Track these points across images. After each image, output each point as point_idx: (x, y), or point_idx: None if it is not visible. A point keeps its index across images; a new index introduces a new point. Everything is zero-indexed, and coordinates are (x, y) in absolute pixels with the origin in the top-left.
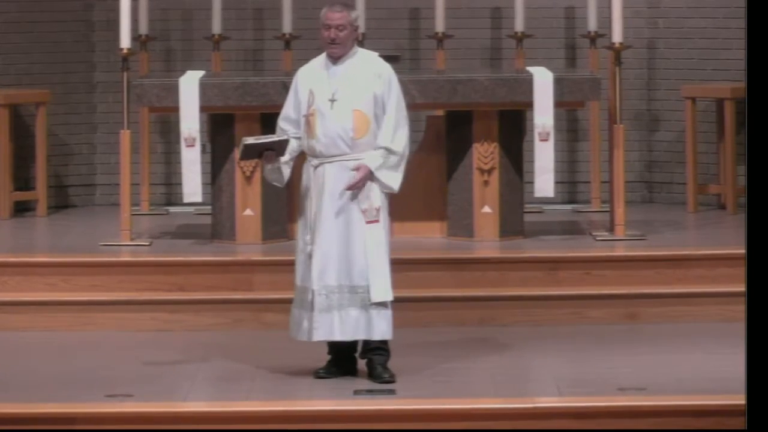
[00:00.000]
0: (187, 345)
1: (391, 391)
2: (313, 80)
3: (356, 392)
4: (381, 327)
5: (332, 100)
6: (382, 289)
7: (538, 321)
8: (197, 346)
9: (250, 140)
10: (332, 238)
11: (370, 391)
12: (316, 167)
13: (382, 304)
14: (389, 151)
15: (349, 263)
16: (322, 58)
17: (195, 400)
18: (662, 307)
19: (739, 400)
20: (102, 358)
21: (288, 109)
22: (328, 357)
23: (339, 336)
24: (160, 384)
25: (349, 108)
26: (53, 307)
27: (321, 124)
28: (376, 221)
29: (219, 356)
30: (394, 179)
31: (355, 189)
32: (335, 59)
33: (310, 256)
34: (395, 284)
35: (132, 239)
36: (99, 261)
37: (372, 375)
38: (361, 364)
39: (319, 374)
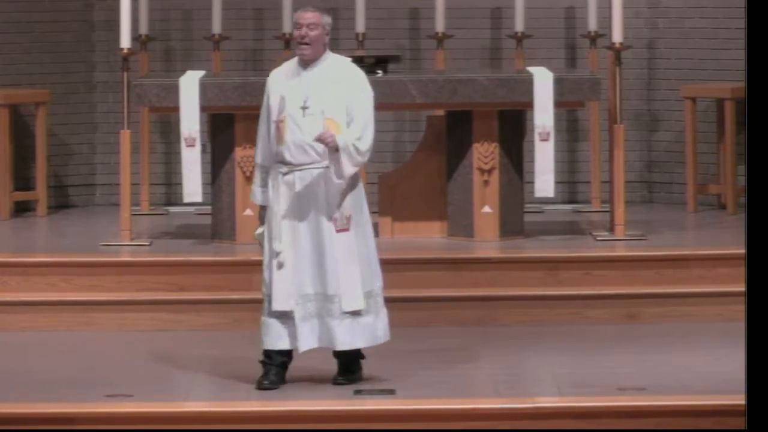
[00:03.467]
0: (187, 345)
1: (391, 391)
2: (283, 85)
3: (356, 392)
4: (358, 336)
5: (304, 108)
6: (353, 298)
7: (538, 321)
8: (197, 346)
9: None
10: (305, 247)
11: (370, 391)
12: (285, 174)
13: (355, 313)
14: (355, 147)
15: (322, 271)
16: (293, 62)
17: (195, 400)
18: (662, 307)
19: (739, 400)
20: (102, 358)
21: (264, 125)
22: (268, 366)
23: (323, 344)
24: (160, 384)
25: (321, 115)
26: (53, 307)
27: (291, 131)
28: (346, 230)
29: (219, 356)
30: (348, 169)
31: (322, 141)
32: (306, 63)
33: (281, 264)
34: (396, 284)
35: (132, 239)
36: (99, 261)
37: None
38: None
39: (264, 385)
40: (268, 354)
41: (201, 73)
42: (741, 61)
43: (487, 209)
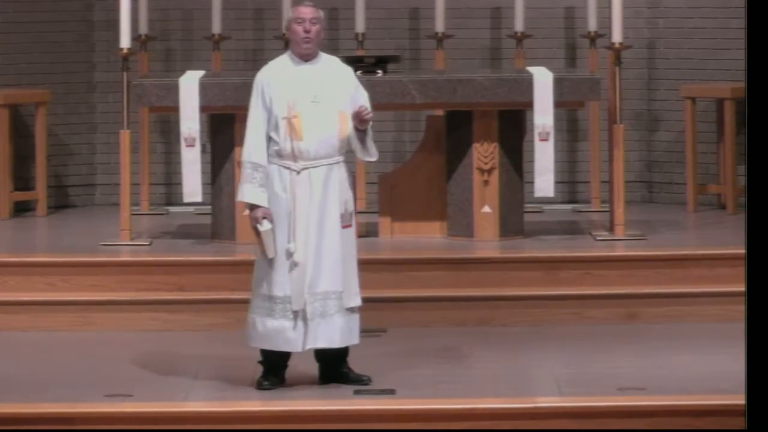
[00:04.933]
0: (187, 345)
1: (391, 391)
2: (285, 82)
3: (356, 392)
4: (354, 333)
5: (315, 102)
6: (355, 295)
7: (538, 321)
8: (197, 346)
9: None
10: (321, 245)
11: (370, 391)
12: (299, 172)
13: (352, 310)
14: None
15: (330, 268)
16: (284, 59)
17: (195, 400)
18: (662, 307)
19: (739, 400)
20: (102, 358)
21: (264, 123)
22: (268, 367)
23: (328, 343)
24: (160, 384)
25: (334, 109)
26: (53, 307)
27: (307, 125)
28: (349, 225)
29: (219, 356)
30: (375, 151)
31: (362, 115)
32: (307, 58)
33: (295, 264)
34: (396, 284)
35: (132, 239)
36: (99, 261)
37: (349, 379)
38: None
39: (264, 386)
40: (268, 354)
41: (201, 73)
42: (741, 61)
43: (486, 209)
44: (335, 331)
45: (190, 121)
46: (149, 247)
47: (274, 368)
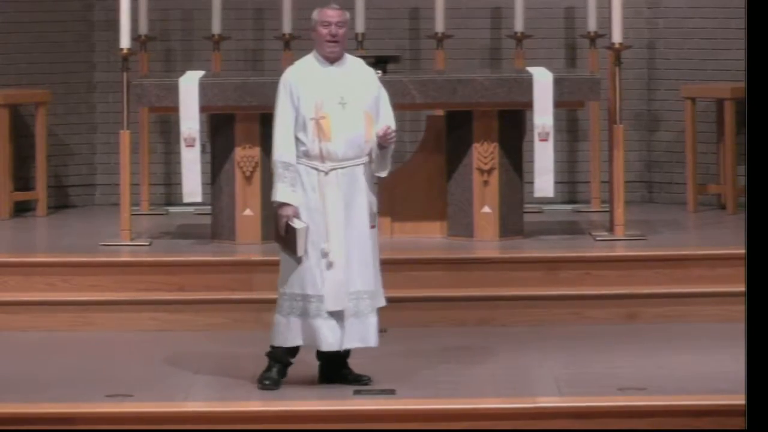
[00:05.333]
0: (187, 345)
1: (391, 391)
2: (313, 82)
3: (356, 392)
4: (376, 333)
5: (342, 103)
6: (381, 295)
7: (538, 321)
8: (197, 346)
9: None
10: (354, 245)
11: (370, 391)
12: (327, 172)
13: (376, 311)
14: None
15: (361, 268)
16: (310, 60)
17: (195, 400)
18: (662, 307)
19: (739, 400)
20: (102, 358)
21: (293, 123)
22: (273, 364)
23: (362, 343)
24: (160, 384)
25: (361, 110)
26: (53, 307)
27: (336, 127)
28: (374, 226)
29: (219, 356)
30: (389, 167)
31: (387, 137)
32: (333, 60)
33: (331, 264)
34: (396, 284)
35: (132, 239)
36: (99, 261)
37: (349, 380)
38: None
39: (267, 385)
40: (277, 353)
41: (201, 73)
42: (741, 61)
43: (486, 209)
44: (369, 330)
45: (190, 121)
46: (149, 247)
47: (281, 365)
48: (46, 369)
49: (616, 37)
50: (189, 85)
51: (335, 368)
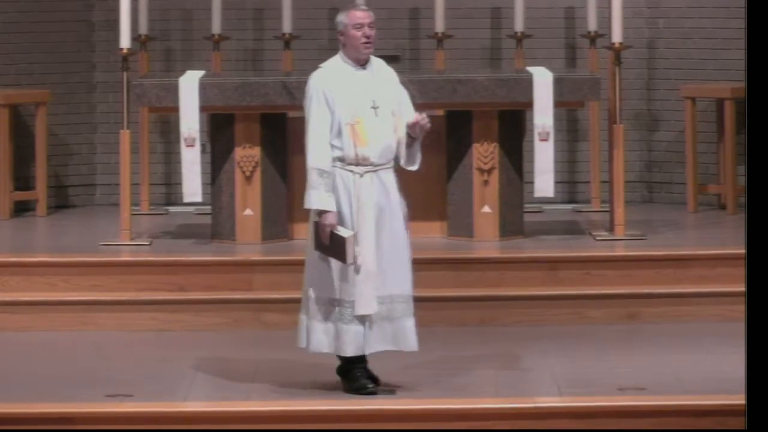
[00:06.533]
0: (187, 345)
1: (391, 391)
2: (346, 86)
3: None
4: (415, 337)
5: (375, 107)
6: (411, 298)
7: (538, 321)
8: (197, 346)
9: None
10: (388, 248)
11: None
12: (361, 175)
13: (413, 314)
14: None
15: (396, 271)
16: (338, 63)
17: (195, 400)
18: (662, 307)
19: (739, 400)
20: (102, 358)
21: (327, 128)
22: (359, 370)
23: (397, 346)
24: (160, 384)
25: (389, 113)
26: (53, 307)
27: (371, 131)
28: (406, 228)
29: (219, 356)
30: (420, 159)
31: (423, 124)
32: (362, 62)
33: (360, 268)
34: None
35: (132, 239)
36: (99, 261)
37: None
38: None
39: (369, 389)
40: (351, 358)
41: (201, 73)
42: (741, 61)
43: (486, 209)
44: (406, 334)
45: (190, 121)
46: (149, 247)
47: (362, 367)
48: (46, 369)
49: (616, 37)
50: (189, 85)
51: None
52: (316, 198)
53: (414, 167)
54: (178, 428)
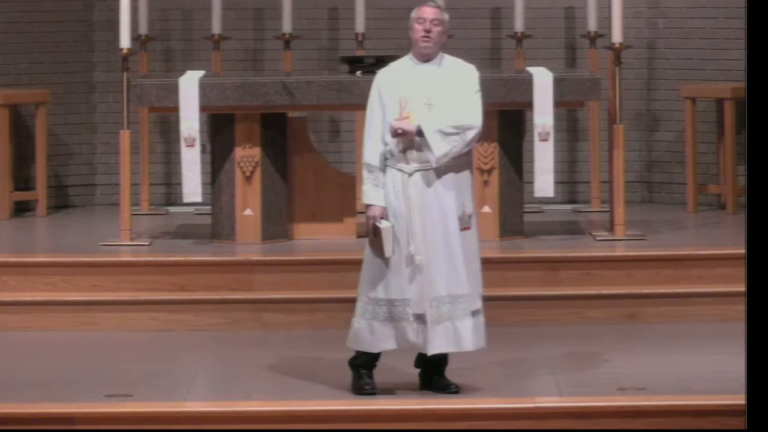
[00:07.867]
0: (187, 345)
1: (391, 391)
2: (401, 83)
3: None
4: (481, 336)
5: (428, 104)
6: (476, 298)
7: (538, 321)
8: (197, 346)
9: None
10: (439, 248)
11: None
12: (411, 174)
13: (477, 312)
14: (440, 130)
15: (450, 272)
16: (405, 59)
17: (195, 400)
18: (662, 307)
19: (739, 400)
20: (102, 358)
21: (379, 124)
22: (362, 371)
23: (446, 347)
24: (160, 384)
25: (444, 113)
26: (53, 307)
27: (423, 129)
28: (468, 228)
29: (219, 356)
30: (440, 150)
31: (399, 132)
32: (424, 59)
33: (417, 267)
34: None
35: (132, 239)
36: (99, 261)
37: (439, 387)
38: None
39: (368, 390)
40: (362, 358)
41: (201, 73)
42: (741, 61)
43: (487, 209)
44: (459, 335)
45: (190, 121)
46: (149, 247)
47: (369, 370)
48: (46, 369)
49: (616, 37)
50: (189, 85)
51: (428, 375)
52: (366, 193)
53: (439, 153)
54: (178, 428)
